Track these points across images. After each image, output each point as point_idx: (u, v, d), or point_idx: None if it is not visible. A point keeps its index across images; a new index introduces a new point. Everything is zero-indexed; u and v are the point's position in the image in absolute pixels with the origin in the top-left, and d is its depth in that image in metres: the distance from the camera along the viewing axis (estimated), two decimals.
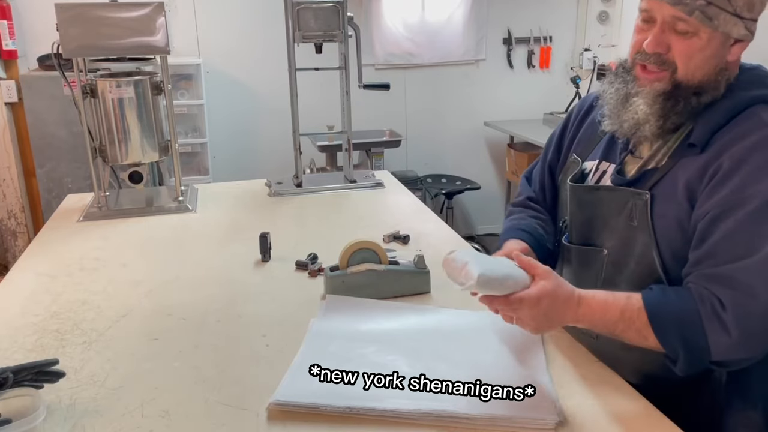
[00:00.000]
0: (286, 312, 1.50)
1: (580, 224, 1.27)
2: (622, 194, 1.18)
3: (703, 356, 1.04)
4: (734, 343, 1.02)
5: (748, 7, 1.06)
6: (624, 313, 1.08)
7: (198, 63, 4.05)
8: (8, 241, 4.09)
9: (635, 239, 1.15)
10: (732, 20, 1.06)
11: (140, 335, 1.36)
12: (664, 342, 1.05)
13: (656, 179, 1.14)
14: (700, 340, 1.03)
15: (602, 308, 1.10)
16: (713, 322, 1.02)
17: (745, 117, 1.09)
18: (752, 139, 1.05)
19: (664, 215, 1.12)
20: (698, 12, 1.04)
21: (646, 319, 1.06)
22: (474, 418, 1.07)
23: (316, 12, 2.32)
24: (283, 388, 1.16)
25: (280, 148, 4.05)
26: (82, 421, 1.11)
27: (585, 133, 1.35)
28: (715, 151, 1.08)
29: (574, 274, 1.29)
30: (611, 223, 1.20)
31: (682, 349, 1.04)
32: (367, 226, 2.08)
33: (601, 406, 1.12)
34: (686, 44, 1.08)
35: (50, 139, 3.62)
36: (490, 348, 1.28)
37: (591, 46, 4.72)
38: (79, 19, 2.05)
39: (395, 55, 4.56)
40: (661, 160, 1.16)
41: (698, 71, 1.10)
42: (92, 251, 1.91)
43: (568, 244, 1.29)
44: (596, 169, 1.28)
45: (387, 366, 1.23)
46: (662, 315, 1.06)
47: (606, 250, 1.21)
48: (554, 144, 1.45)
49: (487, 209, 4.97)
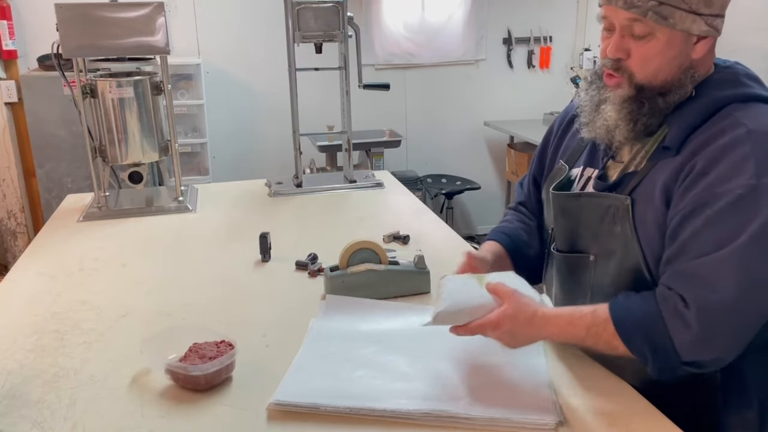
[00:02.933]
0: (286, 312, 1.50)
1: (566, 232, 1.27)
2: (603, 200, 1.18)
3: (671, 357, 1.03)
4: (697, 339, 1.01)
5: (705, 3, 1.06)
6: (590, 329, 1.09)
7: (198, 63, 4.05)
8: (8, 241, 4.09)
9: (619, 244, 1.15)
10: (689, 17, 1.06)
11: (140, 335, 1.35)
12: (632, 348, 1.06)
13: (635, 183, 1.14)
14: (665, 342, 1.03)
15: (568, 325, 1.12)
16: (675, 321, 1.03)
17: (720, 117, 1.08)
18: (726, 139, 1.05)
19: (645, 219, 1.12)
20: (651, 12, 1.05)
21: (612, 330, 1.07)
22: (474, 418, 1.07)
23: (316, 12, 2.32)
24: (283, 388, 1.16)
25: (280, 148, 4.06)
26: (82, 421, 1.11)
27: (570, 141, 1.35)
28: (690, 152, 1.08)
29: (563, 281, 1.29)
30: (595, 229, 1.20)
31: (649, 353, 1.04)
32: (367, 226, 2.08)
33: (600, 407, 1.12)
34: (644, 48, 1.09)
35: (50, 139, 3.62)
36: (491, 348, 1.27)
37: (591, 46, 4.72)
38: (79, 19, 2.05)
39: (395, 55, 4.56)
40: (640, 163, 1.16)
41: (660, 73, 1.10)
42: (92, 251, 1.91)
43: (556, 252, 1.30)
44: (581, 175, 1.28)
45: (387, 366, 1.23)
46: (627, 322, 1.07)
47: (593, 257, 1.21)
48: (537, 156, 1.47)
49: (487, 209, 4.97)
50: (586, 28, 4.78)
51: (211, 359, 1.19)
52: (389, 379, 1.19)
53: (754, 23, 3.28)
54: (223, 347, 1.23)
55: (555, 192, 1.27)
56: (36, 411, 1.13)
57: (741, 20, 1.04)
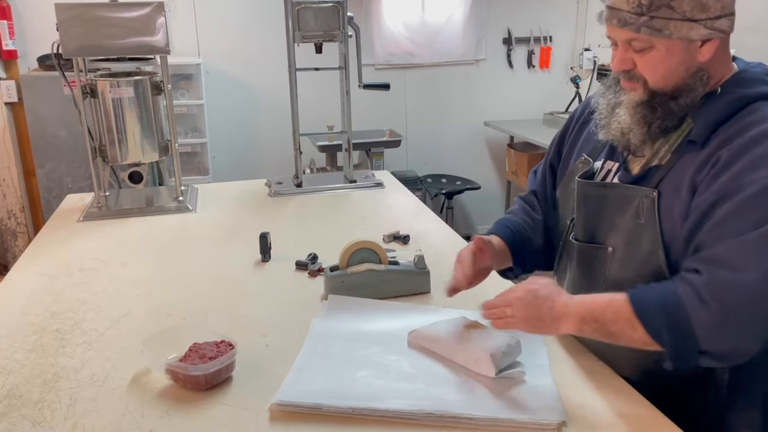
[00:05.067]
0: (286, 312, 1.50)
1: (587, 221, 1.27)
2: (628, 192, 1.19)
3: (688, 343, 1.03)
4: (716, 322, 1.01)
5: (700, 8, 1.07)
6: (612, 303, 1.10)
7: (198, 63, 4.05)
8: (8, 241, 4.09)
9: (642, 237, 1.15)
10: (686, 25, 1.07)
11: (140, 335, 1.35)
12: (649, 326, 1.05)
13: (661, 176, 1.15)
14: (684, 323, 1.03)
15: (589, 303, 1.13)
16: (693, 300, 1.02)
17: (746, 113, 1.09)
18: (752, 132, 1.06)
19: (671, 212, 1.12)
20: (644, 27, 1.08)
21: (630, 310, 1.07)
22: (476, 418, 1.07)
23: (316, 12, 2.32)
24: (286, 388, 1.16)
25: (280, 148, 4.06)
26: (82, 421, 1.10)
27: (590, 134, 1.35)
28: (716, 145, 1.09)
29: (578, 273, 1.29)
30: (617, 221, 1.20)
31: (667, 334, 1.04)
32: (367, 226, 2.08)
33: (602, 407, 1.12)
34: (646, 58, 1.12)
35: (50, 139, 3.62)
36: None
37: (591, 46, 4.71)
38: (79, 19, 2.05)
39: (395, 55, 4.56)
40: (664, 156, 1.17)
41: (669, 79, 1.12)
42: (92, 251, 1.90)
43: (575, 241, 1.30)
44: (602, 168, 1.29)
45: (389, 366, 1.23)
46: (645, 301, 1.07)
47: (611, 248, 1.21)
48: (556, 143, 1.48)
49: (487, 209, 4.96)
50: (586, 28, 4.78)
51: (211, 359, 1.19)
52: (391, 379, 1.19)
53: (754, 23, 3.28)
54: (223, 347, 1.23)
55: (581, 180, 1.28)
56: (36, 411, 1.13)
57: (741, 20, 1.04)
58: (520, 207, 1.51)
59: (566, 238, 1.34)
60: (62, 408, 1.14)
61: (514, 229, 1.44)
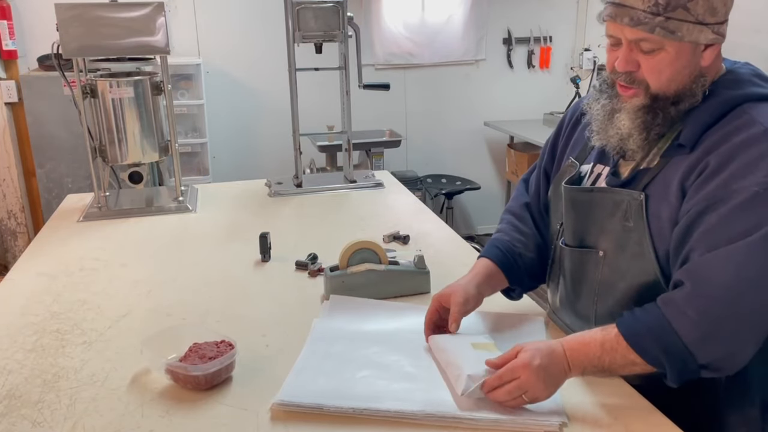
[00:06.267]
0: (286, 312, 1.50)
1: (576, 226, 1.27)
2: (616, 195, 1.18)
3: (687, 359, 1.03)
4: (703, 333, 1.01)
5: (711, 12, 1.06)
6: (604, 344, 1.08)
7: (198, 63, 4.05)
8: (8, 241, 4.09)
9: (631, 240, 1.15)
10: (697, 28, 1.06)
11: (140, 335, 1.35)
12: (646, 356, 1.05)
13: (649, 179, 1.15)
14: (675, 341, 1.03)
15: (583, 346, 1.10)
16: (677, 316, 1.03)
17: (734, 116, 1.09)
18: (740, 137, 1.06)
19: (659, 215, 1.12)
20: (659, 29, 1.05)
21: (625, 344, 1.06)
22: (477, 419, 1.07)
23: (316, 12, 2.32)
24: (287, 388, 1.15)
25: (280, 148, 4.06)
26: (82, 421, 1.10)
27: (579, 137, 1.35)
28: (704, 149, 1.08)
29: (571, 278, 1.29)
30: (606, 224, 1.20)
31: (664, 358, 1.04)
32: (367, 226, 2.08)
33: (602, 407, 1.12)
34: (654, 61, 1.09)
35: (50, 139, 3.62)
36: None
37: (591, 46, 4.72)
38: (79, 19, 2.05)
39: (395, 55, 4.56)
40: (653, 160, 1.16)
41: (672, 83, 1.11)
42: (92, 251, 1.90)
43: (565, 246, 1.30)
44: (591, 171, 1.28)
45: (390, 366, 1.23)
46: (636, 331, 1.06)
47: (602, 252, 1.21)
48: (548, 149, 1.46)
49: (487, 209, 4.97)
50: (586, 28, 4.78)
51: (211, 359, 1.19)
52: (393, 379, 1.19)
53: (754, 24, 3.28)
54: (223, 347, 1.23)
55: (568, 186, 1.27)
56: (36, 411, 1.13)
57: (741, 21, 1.04)
58: (508, 224, 1.46)
59: (557, 243, 1.34)
60: (62, 408, 1.14)
61: (504, 249, 1.40)
